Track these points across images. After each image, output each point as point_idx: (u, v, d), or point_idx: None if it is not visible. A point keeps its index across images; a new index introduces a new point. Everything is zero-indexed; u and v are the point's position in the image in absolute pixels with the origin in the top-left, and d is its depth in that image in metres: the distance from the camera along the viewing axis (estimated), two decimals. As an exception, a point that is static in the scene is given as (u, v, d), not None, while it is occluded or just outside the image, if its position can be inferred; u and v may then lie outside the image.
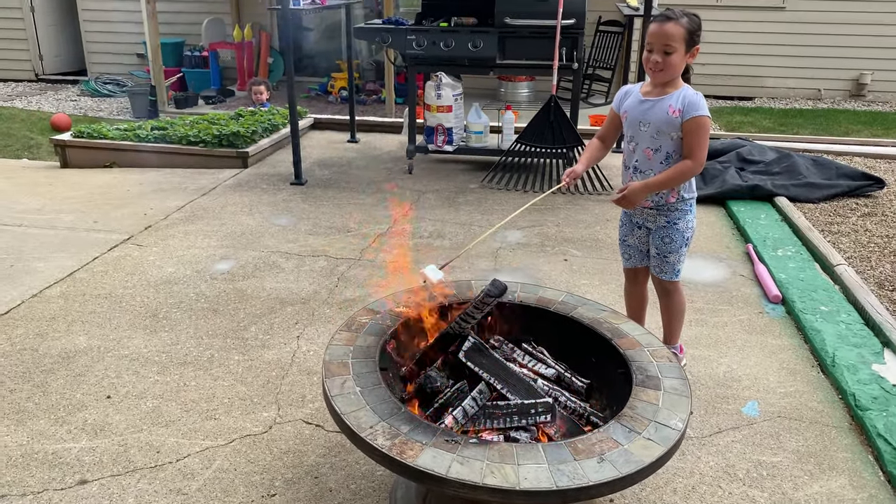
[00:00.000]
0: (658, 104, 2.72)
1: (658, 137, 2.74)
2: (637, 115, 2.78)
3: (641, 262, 3.07)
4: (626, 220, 3.03)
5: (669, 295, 3.05)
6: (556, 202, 5.37)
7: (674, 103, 2.68)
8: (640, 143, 2.80)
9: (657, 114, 2.72)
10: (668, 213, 2.85)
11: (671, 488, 2.46)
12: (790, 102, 10.23)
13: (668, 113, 2.69)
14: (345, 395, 2.03)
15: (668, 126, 2.70)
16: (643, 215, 2.93)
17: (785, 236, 4.59)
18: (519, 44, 5.48)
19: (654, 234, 2.93)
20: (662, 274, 2.97)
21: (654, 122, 2.73)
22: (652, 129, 2.74)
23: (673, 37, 2.59)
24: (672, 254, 2.91)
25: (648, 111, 2.75)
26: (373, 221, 4.89)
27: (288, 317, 3.57)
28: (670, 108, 2.69)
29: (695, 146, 2.67)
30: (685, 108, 2.65)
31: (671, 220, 2.87)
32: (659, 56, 2.63)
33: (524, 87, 10.05)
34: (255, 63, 10.90)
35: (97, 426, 2.71)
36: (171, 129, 6.28)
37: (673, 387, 2.13)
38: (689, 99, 2.66)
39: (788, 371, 3.18)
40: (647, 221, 2.94)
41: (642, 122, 2.77)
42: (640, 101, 2.79)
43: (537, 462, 1.80)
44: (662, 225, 2.89)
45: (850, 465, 2.59)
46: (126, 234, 4.55)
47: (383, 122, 7.66)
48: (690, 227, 2.90)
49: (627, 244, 3.07)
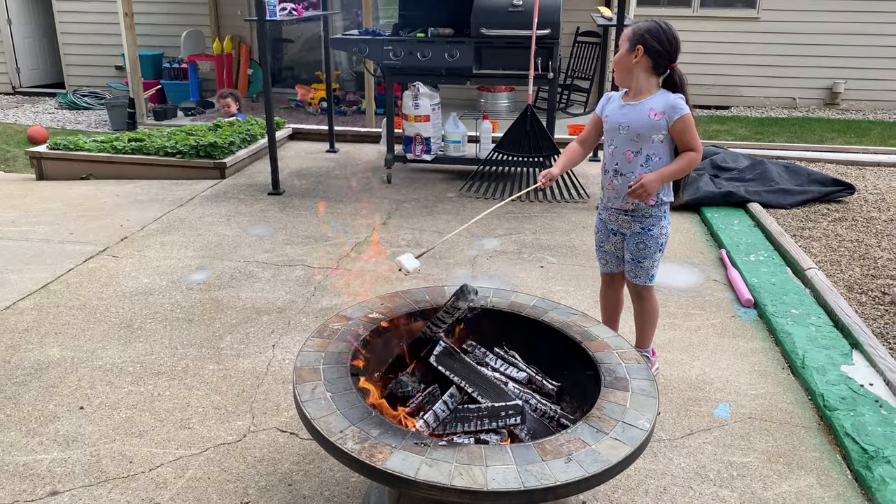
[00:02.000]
0: (637, 108, 2.81)
1: (637, 140, 2.81)
2: (616, 119, 2.87)
3: (617, 268, 3.11)
4: (602, 227, 3.08)
5: (643, 300, 3.09)
6: (533, 210, 5.41)
7: (655, 106, 2.77)
8: (620, 146, 2.87)
9: (636, 117, 2.80)
10: (643, 219, 2.91)
11: (643, 489, 2.48)
12: (766, 111, 10.39)
13: (648, 116, 2.77)
14: (315, 401, 2.03)
15: (647, 129, 2.78)
16: (618, 221, 2.98)
17: (757, 241, 4.66)
18: (495, 54, 5.54)
19: (629, 239, 2.97)
20: (637, 279, 3.02)
21: (634, 125, 2.81)
22: (631, 133, 2.82)
23: (622, 37, 2.82)
24: (646, 259, 2.96)
25: (627, 114, 2.83)
26: (351, 230, 4.90)
27: (263, 326, 3.56)
28: (651, 111, 2.77)
29: (690, 140, 2.78)
30: (668, 110, 2.75)
31: (645, 227, 2.92)
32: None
33: (504, 98, 10.13)
34: (234, 75, 10.91)
35: (69, 437, 2.69)
36: (148, 140, 6.27)
37: (641, 388, 2.15)
38: (669, 101, 2.76)
39: (759, 373, 3.22)
40: (623, 227, 2.98)
41: (621, 126, 2.84)
42: (621, 106, 2.88)
43: (505, 463, 1.82)
44: (637, 231, 2.94)
45: (819, 464, 2.63)
46: (102, 246, 4.53)
47: (362, 131, 7.69)
48: (664, 234, 2.95)
49: (604, 250, 3.11)
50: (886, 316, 3.74)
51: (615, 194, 2.93)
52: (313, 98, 10.06)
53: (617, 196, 2.93)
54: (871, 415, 2.82)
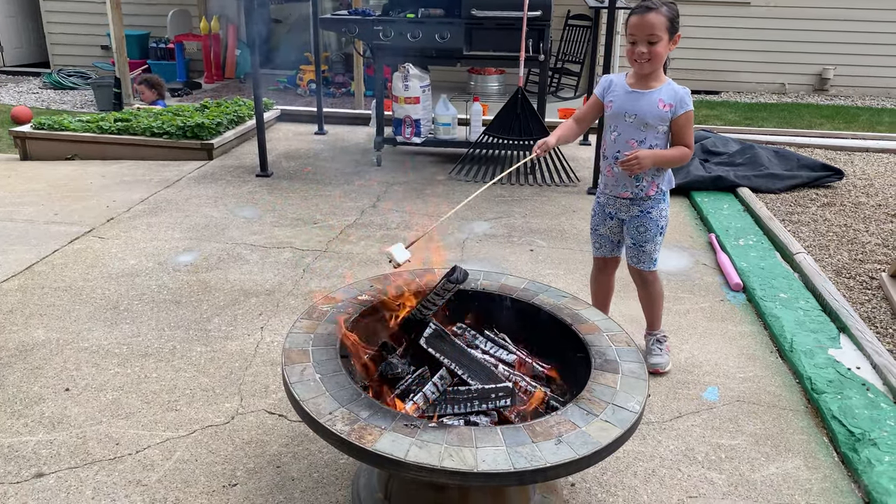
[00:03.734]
0: (646, 97, 2.74)
1: (644, 130, 2.76)
2: (623, 106, 2.79)
3: (612, 253, 3.09)
4: (599, 210, 3.03)
5: (648, 284, 3.07)
6: (523, 193, 5.39)
7: (664, 97, 2.71)
8: (624, 134, 2.80)
9: (645, 106, 2.73)
10: (642, 202, 2.88)
11: (632, 471, 2.49)
12: (756, 97, 10.39)
13: (657, 106, 2.72)
14: (304, 382, 2.02)
15: (655, 119, 2.73)
16: (616, 205, 2.94)
17: (747, 226, 4.67)
18: (486, 35, 5.49)
19: (629, 223, 2.94)
20: (640, 264, 2.99)
21: (641, 114, 2.74)
22: (638, 122, 2.76)
23: (656, 26, 2.61)
24: (648, 243, 2.93)
25: (635, 103, 2.76)
26: (339, 213, 4.86)
27: (252, 308, 3.54)
28: (660, 102, 2.71)
29: (687, 135, 2.75)
30: (676, 103, 2.71)
31: (644, 210, 2.89)
32: (644, 47, 2.65)
33: (494, 81, 10.07)
34: (222, 56, 10.78)
35: (55, 419, 2.66)
36: (134, 120, 6.19)
37: (631, 370, 2.15)
38: (678, 94, 2.72)
39: (748, 357, 3.23)
40: (620, 212, 2.95)
41: (627, 114, 2.77)
42: (627, 92, 2.79)
43: (495, 445, 1.81)
44: (636, 215, 2.91)
45: (806, 446, 2.65)
46: (87, 227, 4.48)
47: (351, 113, 7.63)
48: (664, 216, 2.93)
49: (599, 233, 3.07)
50: (874, 300, 3.76)
51: (614, 181, 2.90)
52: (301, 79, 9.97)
53: (616, 183, 2.89)
54: (858, 398, 2.84)
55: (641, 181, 2.85)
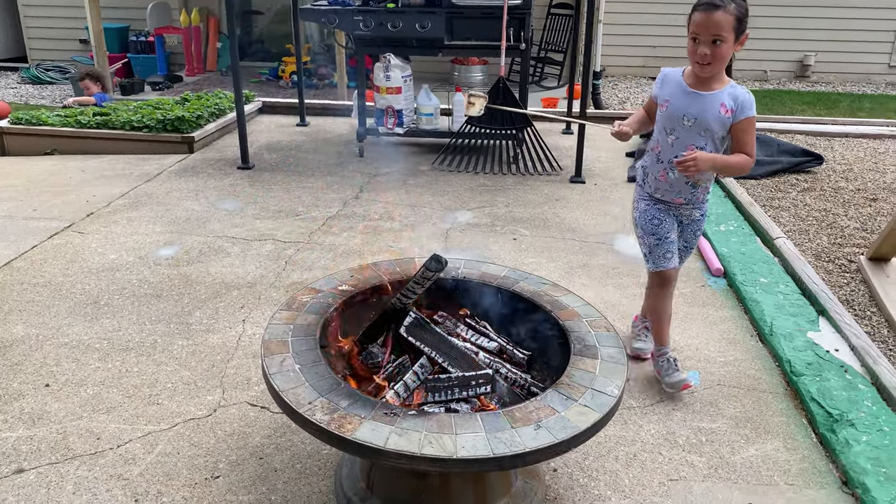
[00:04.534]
0: (708, 99, 2.54)
1: (704, 135, 2.57)
2: (681, 108, 2.59)
3: (682, 262, 2.92)
4: (665, 215, 2.79)
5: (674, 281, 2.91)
6: (506, 183, 5.39)
7: (726, 101, 2.52)
8: (682, 138, 2.61)
9: (707, 110, 2.54)
10: (701, 206, 2.81)
11: (613, 456, 2.51)
12: (738, 84, 10.43)
13: (719, 112, 2.53)
14: (284, 373, 2.01)
15: (717, 124, 2.55)
16: (679, 210, 2.80)
17: (728, 212, 4.69)
18: (466, 24, 5.48)
19: (688, 227, 2.85)
20: (680, 263, 2.90)
21: (702, 118, 2.55)
22: (698, 126, 2.57)
23: (722, 26, 2.40)
24: (695, 244, 2.93)
25: (695, 105, 2.56)
26: (322, 205, 4.85)
27: (233, 301, 3.52)
28: (722, 107, 2.52)
29: (749, 142, 2.56)
30: (738, 108, 2.52)
31: (703, 213, 2.84)
32: (707, 48, 2.44)
33: (477, 71, 10.03)
34: (203, 48, 10.68)
35: (35, 415, 2.64)
36: (113, 114, 6.13)
37: (610, 355, 2.16)
38: (741, 98, 2.52)
39: (728, 341, 3.26)
40: (683, 216, 2.82)
41: (686, 116, 2.58)
42: (686, 92, 2.59)
43: (475, 431, 1.82)
44: (697, 218, 2.84)
45: (785, 428, 2.68)
46: (67, 222, 4.44)
47: (333, 104, 7.59)
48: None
49: (671, 240, 2.80)
50: (852, 283, 3.80)
51: (668, 186, 2.73)
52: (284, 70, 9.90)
53: (671, 189, 2.72)
54: (837, 380, 2.87)
55: (697, 188, 2.72)
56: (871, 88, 10.18)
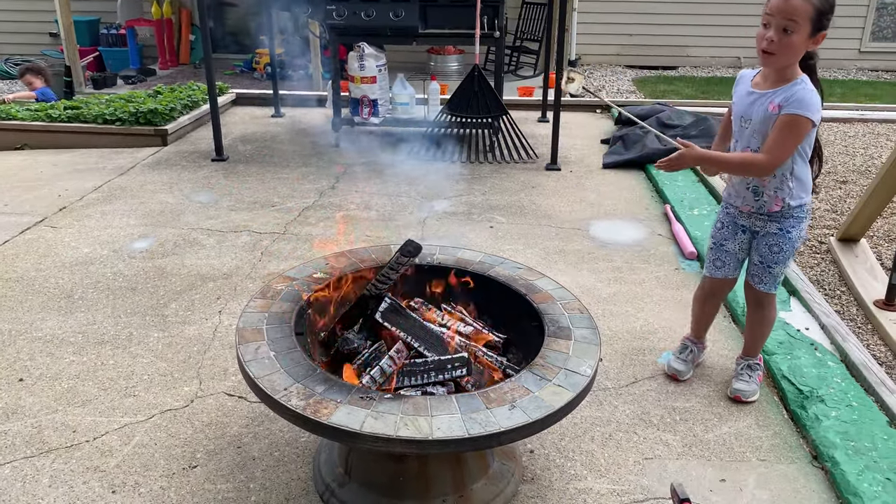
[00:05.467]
0: (763, 98, 2.34)
1: (755, 137, 2.38)
2: (740, 110, 2.44)
3: (733, 273, 2.69)
4: (730, 222, 2.63)
5: (763, 307, 2.69)
6: (483, 171, 5.41)
7: (776, 99, 2.29)
8: (741, 141, 2.45)
9: (759, 110, 2.34)
10: (781, 220, 2.49)
11: (589, 436, 2.54)
12: (712, 71, 10.53)
13: (768, 110, 2.31)
14: (259, 360, 2.02)
15: (765, 125, 2.34)
16: (750, 219, 2.56)
17: (701, 196, 4.75)
18: (440, 13, 5.47)
19: (761, 240, 2.56)
20: (762, 284, 2.61)
21: (755, 119, 2.36)
22: (751, 128, 2.38)
23: (798, 12, 2.17)
24: (778, 264, 2.55)
25: (751, 106, 2.38)
26: (298, 195, 4.83)
27: (209, 292, 3.51)
28: (771, 104, 2.30)
29: (775, 143, 2.28)
30: (787, 103, 2.25)
31: (784, 228, 2.49)
32: (776, 34, 2.21)
33: (453, 61, 10.04)
34: (176, 41, 10.57)
35: (8, 410, 2.62)
36: (85, 108, 6.05)
37: (583, 336, 2.19)
38: (797, 95, 2.25)
39: (702, 322, 3.30)
40: (756, 225, 2.56)
41: (744, 118, 2.42)
42: (748, 93, 2.41)
43: (450, 412, 1.84)
44: (773, 231, 2.52)
45: (757, 405, 2.72)
46: (39, 217, 4.38)
47: (308, 95, 7.55)
48: (802, 237, 2.57)
49: (725, 249, 2.66)
50: (822, 263, 3.87)
51: (734, 192, 2.57)
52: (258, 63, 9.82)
53: (735, 194, 2.57)
54: (807, 357, 2.92)
55: (762, 195, 2.47)
56: (843, 74, 10.32)
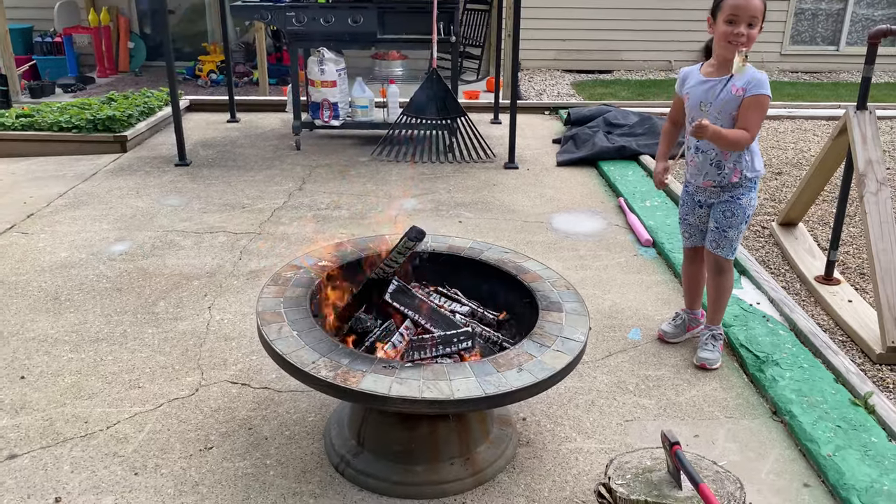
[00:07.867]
0: (719, 84, 2.74)
1: (719, 117, 2.74)
2: (699, 96, 2.80)
3: (700, 242, 3.06)
4: (688, 199, 3.04)
5: (722, 273, 3.00)
6: (445, 171, 5.62)
7: (737, 83, 2.69)
8: None
9: (721, 93, 2.72)
10: (733, 188, 2.86)
11: (574, 404, 2.78)
12: (645, 74, 11.02)
13: (731, 92, 2.71)
14: (283, 339, 2.17)
15: (729, 105, 2.72)
16: (706, 193, 2.93)
17: (651, 189, 5.08)
18: (398, 18, 5.67)
19: (716, 208, 2.91)
20: (719, 249, 2.94)
21: (717, 102, 2.73)
22: (713, 110, 2.75)
23: (758, 10, 2.67)
24: (732, 228, 2.89)
25: (709, 91, 2.76)
26: (267, 197, 4.94)
27: (196, 290, 3.60)
28: (733, 88, 2.70)
29: (749, 119, 2.69)
30: (749, 86, 2.68)
31: (735, 196, 2.87)
32: (744, 28, 2.66)
33: (398, 66, 10.21)
34: (114, 48, 10.42)
35: (16, 405, 2.68)
36: (38, 116, 5.98)
37: (573, 308, 2.43)
38: (756, 77, 2.68)
39: (663, 301, 3.60)
40: (710, 197, 2.93)
41: (703, 103, 2.78)
42: (702, 82, 2.80)
43: (466, 376, 2.04)
44: (725, 200, 2.88)
45: (721, 371, 3.02)
46: (7, 223, 4.37)
47: (262, 100, 7.62)
48: (752, 205, 2.91)
49: (688, 223, 3.07)
50: (766, 246, 4.23)
51: (696, 171, 2.91)
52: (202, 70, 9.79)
53: (698, 172, 2.90)
54: (760, 328, 3.24)
55: (723, 168, 2.83)
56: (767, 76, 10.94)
